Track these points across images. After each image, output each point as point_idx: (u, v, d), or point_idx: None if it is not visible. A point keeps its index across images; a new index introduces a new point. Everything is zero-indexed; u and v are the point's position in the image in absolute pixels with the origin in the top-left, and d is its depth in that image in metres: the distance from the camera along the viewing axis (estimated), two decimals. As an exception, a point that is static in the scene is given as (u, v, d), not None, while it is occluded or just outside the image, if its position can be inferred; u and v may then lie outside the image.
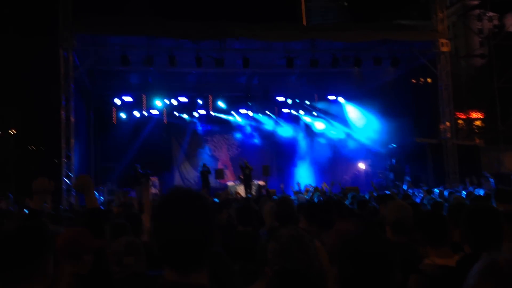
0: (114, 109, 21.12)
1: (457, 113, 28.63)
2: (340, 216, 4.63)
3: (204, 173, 20.32)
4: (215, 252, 2.23)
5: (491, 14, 31.24)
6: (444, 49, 17.80)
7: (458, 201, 4.28)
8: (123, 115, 21.58)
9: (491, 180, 9.69)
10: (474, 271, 1.48)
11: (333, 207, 4.25)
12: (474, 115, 33.76)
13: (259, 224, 5.19)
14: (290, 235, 2.00)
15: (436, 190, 10.58)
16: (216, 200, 9.63)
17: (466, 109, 32.14)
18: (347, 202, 8.43)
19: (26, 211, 7.77)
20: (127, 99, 20.48)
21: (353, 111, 23.12)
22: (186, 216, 1.56)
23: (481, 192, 8.54)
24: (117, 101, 20.52)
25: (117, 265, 2.84)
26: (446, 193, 9.77)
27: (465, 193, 8.95)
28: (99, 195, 15.82)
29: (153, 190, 20.97)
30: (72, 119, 15.01)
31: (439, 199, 7.55)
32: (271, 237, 2.02)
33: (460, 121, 30.96)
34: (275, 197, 11.05)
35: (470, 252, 2.53)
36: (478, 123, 34.21)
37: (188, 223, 1.56)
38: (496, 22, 35.87)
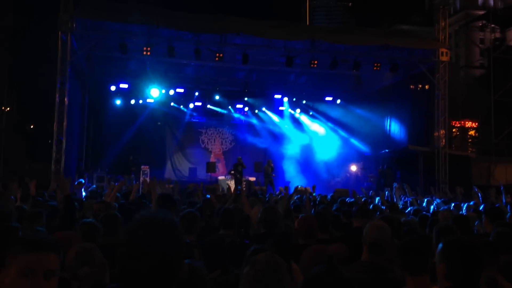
0: (109, 95, 21.01)
1: (452, 122, 28.67)
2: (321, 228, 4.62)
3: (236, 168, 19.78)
4: (193, 266, 2.19)
5: (493, 25, 31.24)
6: (444, 58, 17.77)
7: (445, 225, 4.25)
8: (118, 102, 21.48)
9: (480, 194, 9.74)
10: None
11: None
12: (468, 125, 33.79)
13: (242, 227, 5.12)
14: (266, 262, 1.95)
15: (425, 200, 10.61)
16: (208, 196, 9.51)
17: (461, 118, 32.17)
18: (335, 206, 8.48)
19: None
20: (124, 86, 20.35)
21: (348, 113, 23.13)
22: (153, 247, 1.55)
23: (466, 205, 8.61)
24: (113, 87, 20.39)
25: (73, 279, 2.60)
26: (435, 202, 9.84)
27: (454, 204, 8.98)
28: (88, 182, 15.65)
29: (144, 179, 20.93)
30: (66, 102, 14.86)
31: (425, 212, 7.58)
32: (247, 261, 1.98)
33: (454, 130, 31.02)
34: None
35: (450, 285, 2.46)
36: (472, 133, 34.26)
37: (154, 254, 1.54)
38: (498, 34, 35.90)
